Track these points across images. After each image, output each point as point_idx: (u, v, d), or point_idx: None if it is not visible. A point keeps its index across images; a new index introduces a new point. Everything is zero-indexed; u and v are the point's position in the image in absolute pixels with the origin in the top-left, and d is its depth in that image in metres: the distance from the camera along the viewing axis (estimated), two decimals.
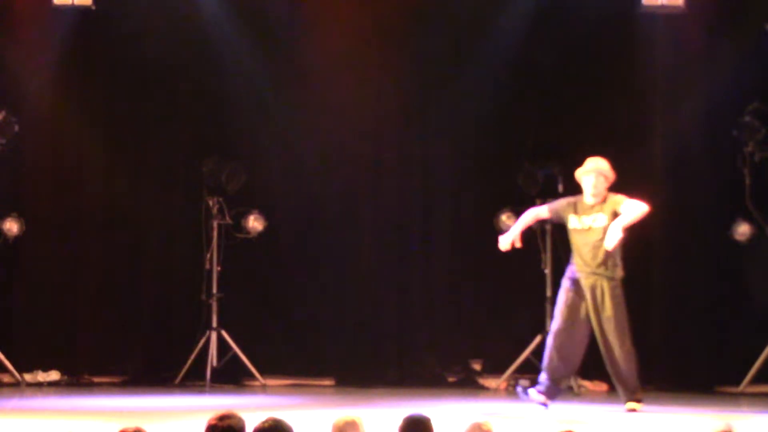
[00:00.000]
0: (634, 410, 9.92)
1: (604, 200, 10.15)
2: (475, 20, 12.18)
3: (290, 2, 12.33)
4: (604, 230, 10.02)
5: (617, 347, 10.00)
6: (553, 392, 10.08)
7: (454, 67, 12.21)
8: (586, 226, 10.13)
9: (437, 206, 12.35)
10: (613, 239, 9.89)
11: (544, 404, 10.01)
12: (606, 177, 10.18)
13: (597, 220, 10.11)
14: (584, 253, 10.10)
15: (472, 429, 5.19)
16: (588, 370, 11.81)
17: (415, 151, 12.36)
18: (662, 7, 11.85)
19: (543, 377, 10.14)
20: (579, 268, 10.13)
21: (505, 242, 10.30)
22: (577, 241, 10.18)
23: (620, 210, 10.03)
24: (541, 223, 11.97)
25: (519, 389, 10.22)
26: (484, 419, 5.25)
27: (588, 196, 10.20)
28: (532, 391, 10.08)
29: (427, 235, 12.32)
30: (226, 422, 4.83)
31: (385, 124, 12.35)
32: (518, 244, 10.31)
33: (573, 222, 10.20)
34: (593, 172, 10.17)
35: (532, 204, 11.98)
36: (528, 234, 11.95)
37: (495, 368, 12.04)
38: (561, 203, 10.34)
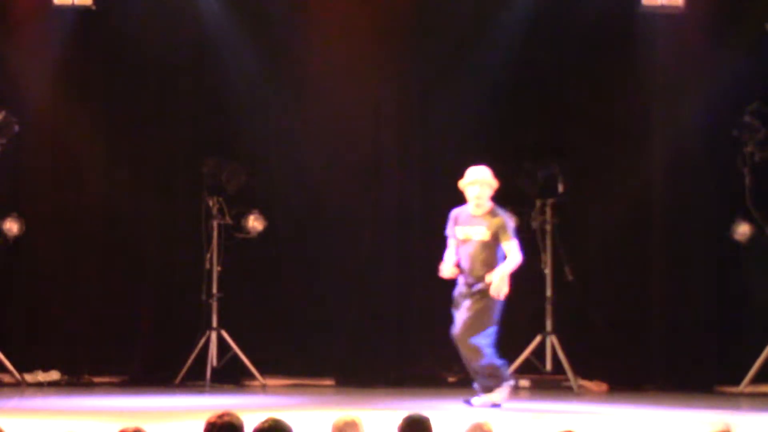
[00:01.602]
0: (468, 402, 9.89)
1: (488, 212, 10.10)
2: (475, 20, 12.19)
3: (290, 2, 12.33)
4: (482, 244, 10.02)
5: (462, 340, 9.99)
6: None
7: (454, 67, 12.20)
8: (468, 236, 10.09)
9: (437, 206, 12.32)
10: (500, 289, 9.91)
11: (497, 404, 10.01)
12: (490, 186, 10.13)
13: (478, 232, 10.07)
14: (465, 265, 10.08)
15: (472, 429, 5.19)
16: (588, 370, 11.85)
17: (415, 151, 12.36)
18: (662, 7, 11.84)
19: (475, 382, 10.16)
20: (463, 274, 10.11)
21: (446, 270, 10.15)
22: (460, 251, 10.14)
23: (502, 238, 9.99)
24: (542, 223, 11.99)
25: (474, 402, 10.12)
26: (484, 419, 5.24)
27: (472, 206, 10.14)
28: (476, 399, 10.07)
29: (427, 235, 12.30)
30: (226, 419, 4.84)
31: (385, 124, 12.35)
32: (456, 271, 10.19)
33: (459, 232, 10.16)
34: (477, 182, 10.11)
35: (533, 204, 12.02)
36: (528, 234, 12.00)
37: None
38: (450, 221, 10.26)
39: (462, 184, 10.21)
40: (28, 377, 11.88)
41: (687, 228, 11.99)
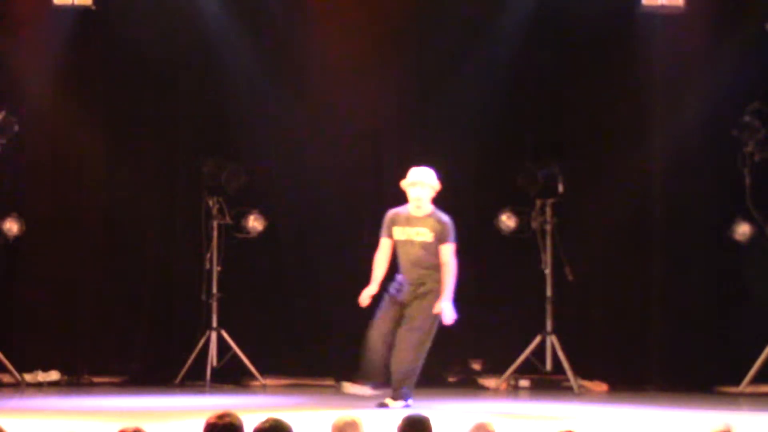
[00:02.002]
0: (383, 405, 9.81)
1: (429, 214, 10.01)
2: (475, 20, 12.19)
3: (290, 2, 12.33)
4: (424, 245, 9.92)
5: (404, 347, 9.90)
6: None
7: (454, 67, 12.20)
8: (410, 238, 9.99)
9: (437, 206, 12.32)
10: (450, 316, 9.84)
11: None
12: (432, 188, 10.04)
13: (420, 233, 9.97)
14: (406, 266, 9.99)
15: (476, 429, 5.18)
16: (588, 370, 11.84)
17: (415, 151, 12.34)
18: (662, 7, 11.84)
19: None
20: (403, 277, 10.00)
21: (367, 296, 10.02)
22: (400, 252, 10.03)
23: (443, 241, 9.87)
24: (542, 223, 11.98)
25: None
26: (487, 419, 5.23)
27: (412, 207, 10.04)
28: (356, 387, 10.05)
29: None
30: (227, 420, 4.83)
31: (385, 124, 12.35)
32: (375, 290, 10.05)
33: (398, 233, 10.03)
34: (419, 184, 10.00)
35: (533, 204, 12.01)
36: (528, 234, 12.00)
37: (495, 368, 12.04)
38: (386, 222, 10.07)
39: (404, 184, 10.14)
40: (28, 377, 11.88)
41: (687, 228, 11.99)
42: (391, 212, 10.13)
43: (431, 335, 9.98)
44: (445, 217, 10.04)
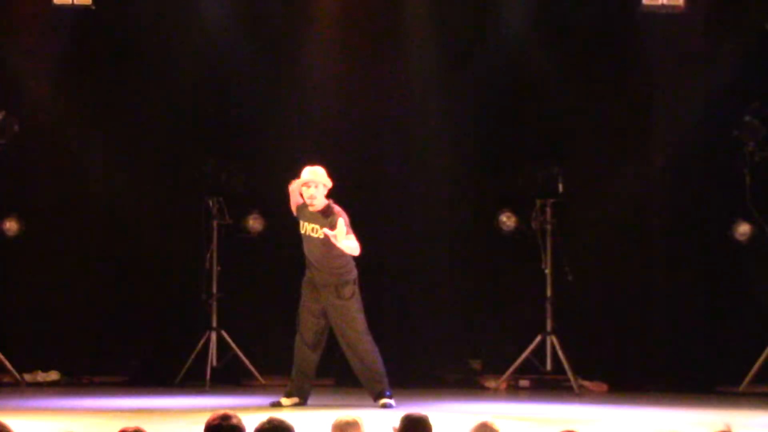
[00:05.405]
0: (386, 405, 9.84)
1: (326, 211, 10.03)
2: (475, 20, 12.19)
3: (290, 3, 12.33)
4: (322, 242, 9.95)
5: (361, 341, 10.06)
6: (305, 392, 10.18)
7: (454, 67, 12.21)
8: (308, 233, 10.07)
9: (437, 206, 12.35)
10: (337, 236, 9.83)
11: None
12: (324, 185, 10.07)
13: (316, 230, 10.02)
14: (313, 259, 10.07)
15: (477, 428, 5.18)
16: (588, 370, 11.84)
17: (415, 151, 12.37)
18: (662, 7, 11.84)
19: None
20: (312, 272, 10.10)
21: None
22: (306, 245, 10.12)
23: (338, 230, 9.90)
24: (542, 222, 11.97)
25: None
26: (490, 419, 5.23)
27: (308, 206, 10.09)
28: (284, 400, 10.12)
29: (427, 235, 12.31)
30: (232, 422, 4.80)
31: (385, 124, 12.35)
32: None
33: (301, 226, 10.13)
34: (312, 183, 10.03)
35: (533, 204, 12.00)
36: (528, 234, 12.01)
37: (495, 368, 12.04)
38: (298, 206, 10.17)
39: (297, 183, 10.15)
40: (28, 377, 11.88)
41: (687, 228, 11.99)
42: (301, 203, 10.21)
43: (365, 323, 10.11)
44: (336, 210, 10.04)
